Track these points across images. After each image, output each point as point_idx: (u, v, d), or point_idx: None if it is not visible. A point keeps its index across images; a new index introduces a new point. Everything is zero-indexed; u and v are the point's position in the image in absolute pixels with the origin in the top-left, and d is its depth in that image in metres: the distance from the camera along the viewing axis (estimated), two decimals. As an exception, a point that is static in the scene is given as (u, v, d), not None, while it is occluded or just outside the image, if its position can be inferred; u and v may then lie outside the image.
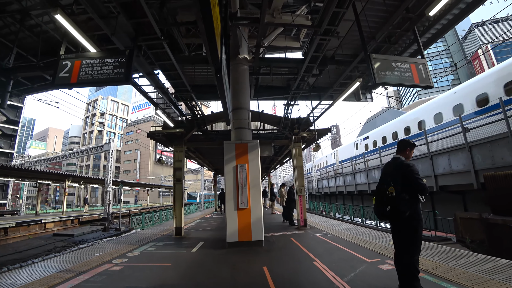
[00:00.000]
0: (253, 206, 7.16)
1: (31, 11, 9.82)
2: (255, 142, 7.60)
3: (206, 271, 5.22)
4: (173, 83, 8.50)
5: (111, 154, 19.89)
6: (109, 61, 5.14)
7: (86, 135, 77.25)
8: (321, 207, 24.59)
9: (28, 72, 10.09)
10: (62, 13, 4.93)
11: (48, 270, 5.50)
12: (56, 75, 5.27)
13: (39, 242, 12.75)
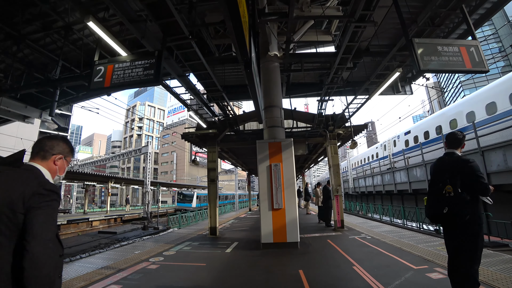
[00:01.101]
0: (288, 207, 6.94)
1: (73, 26, 10.55)
2: (289, 141, 7.37)
3: (240, 274, 5.12)
4: (204, 84, 8.54)
5: (149, 156, 20.78)
6: (139, 64, 5.24)
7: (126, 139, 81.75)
8: (357, 208, 23.63)
9: (72, 82, 10.77)
10: (93, 20, 5.13)
11: (91, 266, 5.77)
12: (91, 80, 5.49)
13: (86, 238, 13.61)
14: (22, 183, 1.33)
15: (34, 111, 18.10)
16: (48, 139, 1.69)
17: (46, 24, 11.20)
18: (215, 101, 9.59)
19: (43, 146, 1.62)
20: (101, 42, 6.06)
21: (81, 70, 12.11)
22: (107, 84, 5.34)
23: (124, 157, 29.75)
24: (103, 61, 5.54)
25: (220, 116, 10.79)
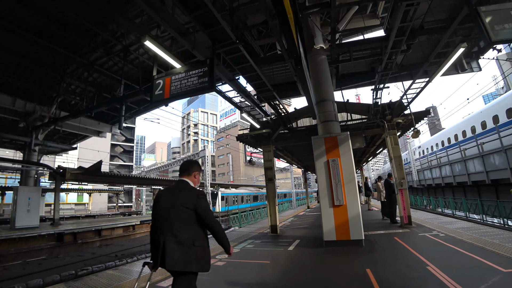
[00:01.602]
0: (349, 203, 6.69)
1: (130, 47, 11.64)
2: (345, 134, 7.09)
3: (306, 271, 5.07)
4: (254, 85, 8.67)
5: (206, 159, 21.89)
6: (194, 73, 5.59)
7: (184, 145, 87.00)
8: (424, 202, 21.68)
9: (134, 97, 11.83)
10: (149, 39, 5.60)
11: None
12: (153, 94, 6.00)
13: None
14: (190, 191, 2.53)
15: (105, 126, 20.48)
16: (188, 162, 2.73)
17: (108, 49, 12.57)
18: (266, 101, 9.68)
19: (187, 167, 2.69)
20: (157, 58, 6.54)
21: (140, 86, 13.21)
22: (166, 95, 5.80)
23: (183, 162, 31.82)
24: (161, 75, 6.02)
25: (272, 115, 10.86)
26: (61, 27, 11.25)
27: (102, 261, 9.71)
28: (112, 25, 11.02)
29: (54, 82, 15.03)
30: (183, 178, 2.65)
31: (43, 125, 16.35)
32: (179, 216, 2.36)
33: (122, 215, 31.82)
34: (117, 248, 11.99)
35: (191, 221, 2.38)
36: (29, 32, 10.83)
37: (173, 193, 2.50)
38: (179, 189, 2.53)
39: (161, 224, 2.40)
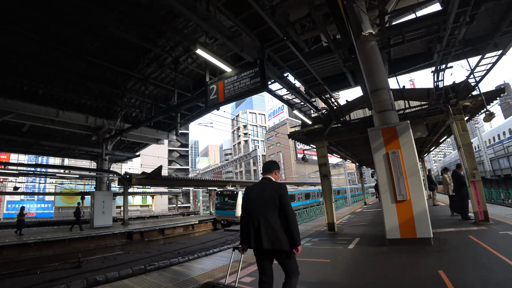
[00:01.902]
0: (414, 198, 6.16)
1: (179, 58, 12.34)
2: (405, 123, 6.55)
3: (369, 272, 4.83)
4: (304, 81, 8.51)
5: (258, 159, 22.28)
6: (245, 75, 5.72)
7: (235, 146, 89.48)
8: (502, 195, 18.91)
9: (188, 104, 12.50)
10: (200, 46, 5.84)
11: (225, 260, 6.48)
12: (208, 99, 6.28)
13: (215, 235, 15.37)
14: (273, 185, 3.08)
15: (163, 134, 22.10)
16: (270, 163, 3.35)
17: (160, 63, 13.50)
18: (317, 95, 9.43)
19: (269, 166, 3.28)
20: (208, 64, 6.81)
21: (191, 93, 14.00)
22: (221, 99, 6.03)
23: (236, 162, 32.79)
24: (213, 80, 6.27)
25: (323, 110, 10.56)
26: (119, 49, 12.53)
27: (167, 257, 10.36)
28: (161, 40, 11.78)
29: (117, 98, 16.71)
30: (266, 176, 3.22)
31: (111, 137, 18.37)
32: (269, 206, 2.90)
33: (182, 215, 33.89)
34: (179, 246, 12.75)
35: (277, 209, 2.89)
36: (94, 57, 12.17)
37: (261, 188, 3.08)
38: (265, 185, 3.10)
39: (255, 213, 2.97)
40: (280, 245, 2.78)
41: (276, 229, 2.81)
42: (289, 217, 2.84)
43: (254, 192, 3.12)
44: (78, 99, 16.46)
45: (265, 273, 3.00)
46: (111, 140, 18.90)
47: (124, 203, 19.94)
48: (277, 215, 2.87)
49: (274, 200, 2.89)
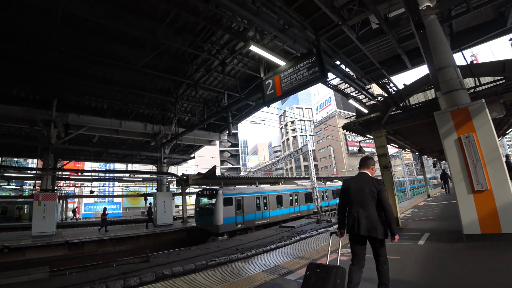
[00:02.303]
0: (495, 187, 5.37)
1: (226, 60, 12.61)
2: (479, 103, 5.73)
3: (447, 271, 4.36)
4: (359, 67, 8.08)
5: (310, 154, 21.80)
6: (302, 66, 5.61)
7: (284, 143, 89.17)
8: None
9: (237, 104, 12.72)
10: (253, 43, 5.86)
11: (286, 256, 6.42)
12: (265, 94, 6.26)
13: (271, 232, 15.40)
14: (372, 180, 3.47)
15: (215, 135, 22.94)
16: (366, 158, 3.70)
17: (207, 67, 13.97)
18: (374, 81, 8.88)
19: (366, 162, 3.67)
20: (262, 60, 6.81)
21: (239, 93, 14.26)
22: (278, 93, 5.99)
23: (286, 159, 32.64)
24: (268, 75, 6.24)
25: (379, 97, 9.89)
26: (169, 58, 13.39)
27: (226, 253, 10.70)
28: (207, 45, 12.15)
29: (170, 105, 17.81)
30: (363, 171, 3.65)
31: (167, 142, 19.69)
32: (367, 198, 3.35)
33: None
34: (236, 242, 13.04)
35: (374, 202, 3.34)
36: (147, 69, 13.13)
37: (359, 182, 3.51)
38: (363, 179, 3.52)
39: (353, 203, 3.45)
40: (376, 234, 3.24)
41: (373, 220, 3.26)
42: (387, 210, 3.28)
43: (353, 184, 3.55)
44: (136, 109, 18.01)
45: (358, 255, 3.44)
46: (168, 144, 20.22)
47: (182, 202, 21.30)
48: (374, 207, 3.32)
49: (373, 195, 3.34)
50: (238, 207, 16.74)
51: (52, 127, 15.68)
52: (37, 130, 16.15)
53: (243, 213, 16.91)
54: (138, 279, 7.77)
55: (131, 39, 11.70)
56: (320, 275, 3.21)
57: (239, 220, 16.60)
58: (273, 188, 21.68)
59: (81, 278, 8.28)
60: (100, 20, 9.82)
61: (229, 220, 16.05)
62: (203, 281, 5.05)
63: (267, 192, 19.75)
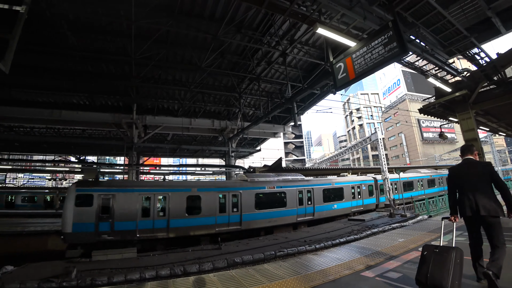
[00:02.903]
0: None
1: (286, 51, 12.50)
2: None
3: None
4: (442, 37, 7.18)
5: (379, 142, 20.35)
6: (377, 43, 5.17)
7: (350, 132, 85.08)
8: None
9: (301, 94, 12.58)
10: (320, 25, 5.65)
11: (359, 251, 6.16)
12: (336, 79, 5.97)
13: (339, 225, 14.80)
14: (481, 163, 3.81)
15: (279, 127, 23.13)
16: (467, 146, 4.01)
17: (268, 60, 14.05)
18: (460, 52, 7.77)
19: (469, 149, 3.94)
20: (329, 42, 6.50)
21: (302, 84, 14.07)
22: (351, 76, 5.64)
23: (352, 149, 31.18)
24: (338, 58, 5.91)
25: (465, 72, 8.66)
26: (231, 56, 13.97)
27: (294, 245, 10.66)
28: (266, 38, 12.20)
29: (235, 100, 18.46)
30: (468, 156, 3.92)
31: (234, 136, 20.60)
32: (482, 181, 3.62)
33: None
34: (304, 234, 12.91)
35: (489, 183, 3.60)
36: (217, 68, 14.26)
37: (470, 167, 3.81)
38: (472, 163, 3.82)
39: (466, 187, 3.72)
40: (495, 212, 3.43)
41: (491, 200, 3.48)
42: (503, 188, 3.51)
43: (462, 170, 3.86)
44: (204, 107, 19.28)
45: (475, 236, 3.73)
46: (234, 138, 21.15)
47: (250, 193, 21.95)
48: (488, 188, 3.58)
49: (486, 176, 3.62)
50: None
51: (134, 128, 17.92)
52: (122, 132, 18.58)
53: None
54: (212, 265, 8.33)
55: (194, 43, 12.65)
56: (439, 255, 3.41)
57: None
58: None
59: (163, 260, 9.28)
60: (166, 28, 10.87)
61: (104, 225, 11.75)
62: (275, 271, 5.12)
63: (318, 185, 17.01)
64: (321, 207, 16.21)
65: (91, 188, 11.14)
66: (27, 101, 16.81)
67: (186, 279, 5.02)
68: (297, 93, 12.97)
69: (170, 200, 12.00)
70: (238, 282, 4.70)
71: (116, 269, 8.28)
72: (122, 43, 12.13)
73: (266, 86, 17.51)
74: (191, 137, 25.33)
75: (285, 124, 23.34)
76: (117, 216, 10.93)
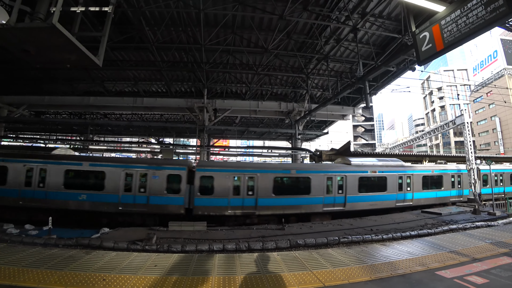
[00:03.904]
0: None
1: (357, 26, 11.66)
2: None
3: None
4: None
5: (466, 127, 17.66)
6: (474, 3, 4.28)
7: (428, 114, 75.97)
8: None
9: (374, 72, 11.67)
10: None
11: (433, 247, 5.64)
12: (419, 51, 5.27)
13: (410, 216, 13.63)
14: None
15: (348, 109, 22.10)
16: None
17: (337, 37, 13.39)
18: None
19: None
20: (410, 8, 5.79)
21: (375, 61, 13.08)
22: (439, 47, 4.91)
23: (431, 134, 28.15)
24: (422, 27, 5.16)
25: None
26: (297, 35, 13.72)
27: (359, 232, 10.28)
28: (335, 14, 11.53)
29: (302, 82, 18.17)
30: None
31: (301, 118, 20.53)
32: None
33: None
34: (371, 222, 12.24)
35: None
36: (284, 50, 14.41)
37: None
38: None
39: None
40: None
41: None
42: None
43: None
44: (271, 89, 19.52)
45: None
46: (301, 121, 20.96)
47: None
48: None
49: None
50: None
51: (205, 112, 19.19)
52: (194, 116, 20.12)
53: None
54: (274, 244, 8.55)
55: (260, 25, 12.82)
56: None
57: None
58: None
59: (229, 235, 9.91)
60: (232, 12, 11.30)
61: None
62: (340, 258, 5.02)
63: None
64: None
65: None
66: (116, 91, 19.65)
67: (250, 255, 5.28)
68: (370, 72, 12.01)
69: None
70: (301, 263, 4.75)
71: (188, 239, 9.19)
72: (192, 32, 12.95)
73: (335, 66, 16.70)
74: (258, 120, 26.12)
75: (355, 106, 22.14)
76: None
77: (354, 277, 4.20)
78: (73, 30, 4.43)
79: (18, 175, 11.62)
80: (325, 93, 19.78)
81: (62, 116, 27.00)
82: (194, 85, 19.03)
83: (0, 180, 11.58)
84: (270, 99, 20.72)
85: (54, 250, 5.29)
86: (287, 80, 18.93)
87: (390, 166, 15.50)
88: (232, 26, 12.74)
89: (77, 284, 3.85)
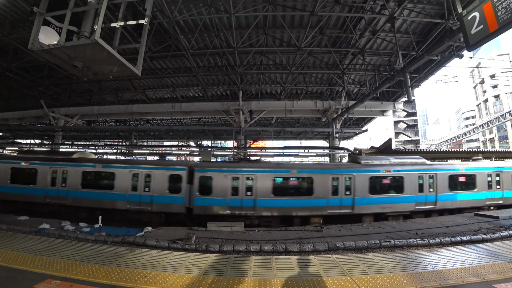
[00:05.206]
0: None
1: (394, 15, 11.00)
2: None
3: None
4: None
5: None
6: None
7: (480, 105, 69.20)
8: None
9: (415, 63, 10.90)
10: None
11: (491, 256, 5.09)
12: (468, 35, 4.77)
13: (461, 220, 12.37)
14: None
15: (388, 104, 20.97)
16: None
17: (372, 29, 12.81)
18: None
19: None
20: None
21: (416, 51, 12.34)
22: (492, 28, 4.40)
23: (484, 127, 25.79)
24: (471, 7, 4.64)
25: None
26: (331, 30, 13.41)
27: (403, 236, 9.58)
28: (369, 4, 11.00)
29: (337, 78, 17.69)
30: None
31: (338, 116, 19.90)
32: None
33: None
34: (416, 225, 11.36)
35: None
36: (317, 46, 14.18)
37: None
38: None
39: None
40: None
41: None
42: None
43: None
44: (305, 88, 19.34)
45: None
46: (338, 119, 20.32)
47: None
48: None
49: None
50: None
51: (240, 114, 19.43)
52: (231, 118, 20.55)
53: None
54: (312, 246, 8.34)
55: (291, 23, 12.72)
56: None
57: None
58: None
59: (267, 236, 9.90)
60: (263, 13, 11.34)
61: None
62: (381, 264, 4.74)
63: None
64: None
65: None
66: (156, 98, 20.90)
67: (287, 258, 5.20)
68: (410, 63, 11.21)
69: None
70: (339, 268, 4.58)
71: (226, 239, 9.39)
72: (224, 36, 13.28)
73: (372, 59, 15.93)
74: (294, 120, 26.08)
75: (396, 101, 20.85)
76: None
77: (397, 285, 3.92)
78: (114, 44, 4.77)
79: (46, 176, 13.22)
80: (363, 88, 18.97)
81: (109, 123, 29.23)
82: (229, 88, 19.57)
83: (31, 181, 13.30)
84: (305, 98, 20.47)
85: (103, 247, 5.73)
86: (322, 78, 18.54)
87: (408, 164, 13.97)
88: (264, 26, 12.81)
89: (121, 279, 4.11)
